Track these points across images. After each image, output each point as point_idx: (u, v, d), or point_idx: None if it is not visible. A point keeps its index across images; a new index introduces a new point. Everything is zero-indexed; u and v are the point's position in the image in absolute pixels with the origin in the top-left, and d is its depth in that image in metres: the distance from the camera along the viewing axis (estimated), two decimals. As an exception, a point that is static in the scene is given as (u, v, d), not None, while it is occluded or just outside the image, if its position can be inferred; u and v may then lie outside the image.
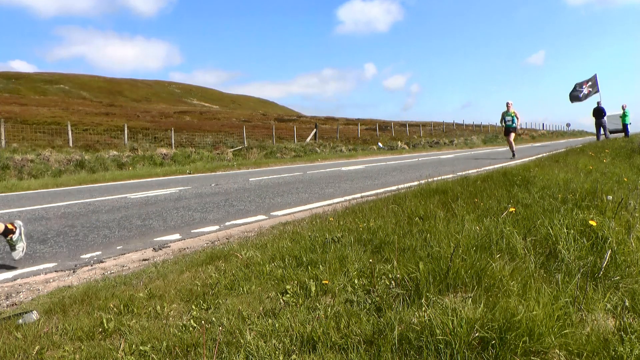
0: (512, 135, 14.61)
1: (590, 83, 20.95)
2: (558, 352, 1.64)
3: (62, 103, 40.24)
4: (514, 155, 14.41)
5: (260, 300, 2.34)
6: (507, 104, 14.40)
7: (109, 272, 3.51)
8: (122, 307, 2.37)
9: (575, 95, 21.11)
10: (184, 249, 4.09)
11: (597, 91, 20.86)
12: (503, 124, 14.75)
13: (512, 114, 14.30)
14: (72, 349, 1.97)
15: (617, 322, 1.85)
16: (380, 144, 27.99)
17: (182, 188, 8.78)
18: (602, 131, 20.40)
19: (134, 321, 2.18)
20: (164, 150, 17.69)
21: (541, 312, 1.75)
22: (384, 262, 2.64)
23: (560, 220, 2.97)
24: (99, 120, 27.13)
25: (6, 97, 41.67)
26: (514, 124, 14.42)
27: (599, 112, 20.42)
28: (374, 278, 2.36)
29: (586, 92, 20.93)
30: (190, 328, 2.04)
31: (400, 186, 6.81)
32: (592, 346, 1.65)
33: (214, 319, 2.12)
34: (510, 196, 4.16)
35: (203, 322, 2.07)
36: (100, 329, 2.12)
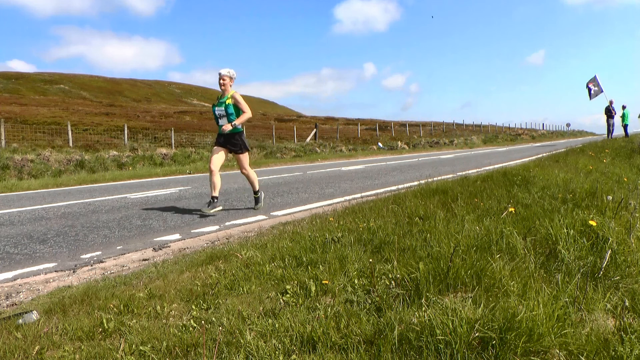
0: (244, 158, 5.86)
1: (593, 83, 21.46)
2: (558, 352, 1.64)
3: (62, 103, 40.23)
4: (213, 199, 5.67)
5: (260, 300, 2.34)
6: (220, 77, 5.74)
7: (109, 272, 3.51)
8: (122, 307, 2.36)
9: (593, 94, 21.67)
10: (184, 249, 4.08)
11: (601, 91, 21.43)
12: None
13: (228, 102, 5.72)
14: (72, 349, 1.96)
15: (617, 322, 1.85)
16: (380, 144, 27.98)
17: (182, 188, 8.78)
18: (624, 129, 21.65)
19: (134, 321, 2.17)
20: (164, 150, 17.68)
21: (541, 312, 1.75)
22: (384, 262, 2.64)
23: (560, 220, 2.97)
24: (99, 120, 27.13)
25: (6, 97, 41.66)
26: (228, 123, 5.77)
27: (608, 111, 21.40)
28: (374, 278, 2.36)
29: (593, 91, 21.53)
30: (190, 328, 2.04)
31: (400, 186, 6.81)
32: (592, 346, 1.65)
33: (214, 319, 2.12)
34: (510, 196, 4.16)
35: (203, 322, 2.07)
36: (100, 329, 2.12)
